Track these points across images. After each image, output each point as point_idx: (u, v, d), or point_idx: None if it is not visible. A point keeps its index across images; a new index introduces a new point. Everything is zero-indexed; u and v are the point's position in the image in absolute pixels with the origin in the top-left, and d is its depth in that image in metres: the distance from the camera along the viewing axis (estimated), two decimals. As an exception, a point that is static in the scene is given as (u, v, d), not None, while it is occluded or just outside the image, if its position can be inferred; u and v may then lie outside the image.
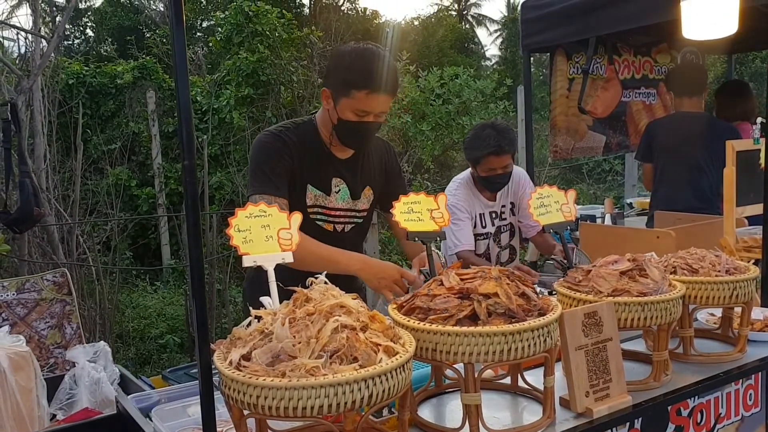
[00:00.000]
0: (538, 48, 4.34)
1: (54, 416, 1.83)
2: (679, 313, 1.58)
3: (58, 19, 9.99)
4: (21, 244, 4.54)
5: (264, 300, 1.37)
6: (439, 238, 1.81)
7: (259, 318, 1.22)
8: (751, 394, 1.72)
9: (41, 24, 5.61)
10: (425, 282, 1.58)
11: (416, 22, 24.27)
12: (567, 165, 11.29)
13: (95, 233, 6.25)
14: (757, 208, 2.41)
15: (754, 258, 2.27)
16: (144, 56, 9.62)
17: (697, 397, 1.59)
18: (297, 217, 1.47)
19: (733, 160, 2.49)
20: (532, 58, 4.57)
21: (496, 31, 30.13)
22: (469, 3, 31.58)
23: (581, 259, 2.20)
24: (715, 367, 1.69)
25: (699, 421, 1.60)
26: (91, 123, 8.41)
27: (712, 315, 2.03)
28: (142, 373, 4.60)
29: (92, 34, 18.34)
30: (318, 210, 2.19)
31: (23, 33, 5.31)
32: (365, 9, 19.73)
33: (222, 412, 1.38)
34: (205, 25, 15.39)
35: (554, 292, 1.65)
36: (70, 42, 17.13)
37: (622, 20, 3.59)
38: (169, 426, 1.52)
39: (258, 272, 1.48)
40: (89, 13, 18.64)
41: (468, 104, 8.35)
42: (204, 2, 15.72)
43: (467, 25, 29.27)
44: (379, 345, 1.14)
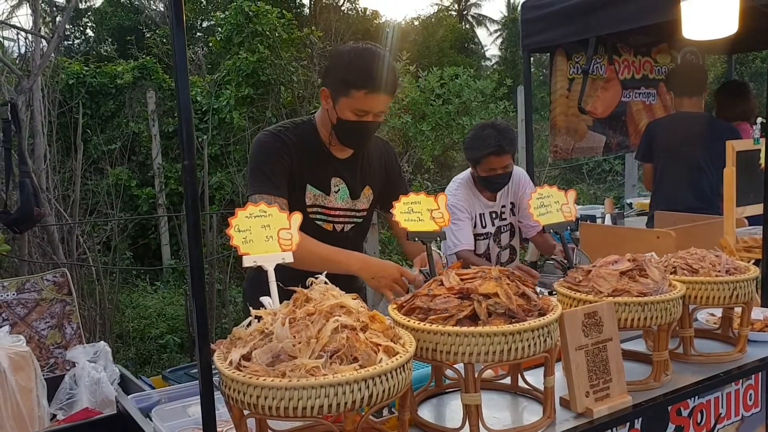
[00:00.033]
0: (538, 48, 4.34)
1: (54, 416, 1.83)
2: (679, 313, 1.58)
3: (58, 19, 9.97)
4: (21, 244, 4.54)
5: (264, 300, 1.37)
6: (439, 238, 1.81)
7: (259, 318, 1.21)
8: (751, 394, 1.72)
9: (41, 24, 5.62)
10: (425, 282, 1.58)
11: (416, 22, 24.33)
12: (567, 165, 11.29)
13: (95, 233, 6.25)
14: (757, 208, 2.41)
15: (754, 258, 2.27)
16: (144, 56, 9.62)
17: (697, 397, 1.59)
18: (297, 217, 1.47)
19: (733, 160, 2.49)
20: (532, 58, 4.57)
21: (496, 31, 30.15)
22: (469, 3, 31.59)
23: (581, 260, 2.20)
24: (715, 367, 1.69)
25: (699, 421, 1.60)
26: (91, 123, 8.42)
27: (712, 315, 2.03)
28: (142, 373, 4.60)
29: (92, 34, 18.35)
30: (317, 210, 2.19)
31: (23, 33, 5.32)
32: (365, 9, 19.79)
33: (222, 412, 1.38)
34: (205, 25, 15.40)
35: (554, 292, 1.65)
36: (70, 42, 17.14)
37: (622, 20, 3.59)
38: (169, 426, 1.52)
39: (258, 272, 1.48)
40: (89, 13, 18.65)
41: (468, 104, 8.35)
42: (204, 2, 15.73)
43: (467, 25, 29.28)
44: (379, 345, 1.14)
